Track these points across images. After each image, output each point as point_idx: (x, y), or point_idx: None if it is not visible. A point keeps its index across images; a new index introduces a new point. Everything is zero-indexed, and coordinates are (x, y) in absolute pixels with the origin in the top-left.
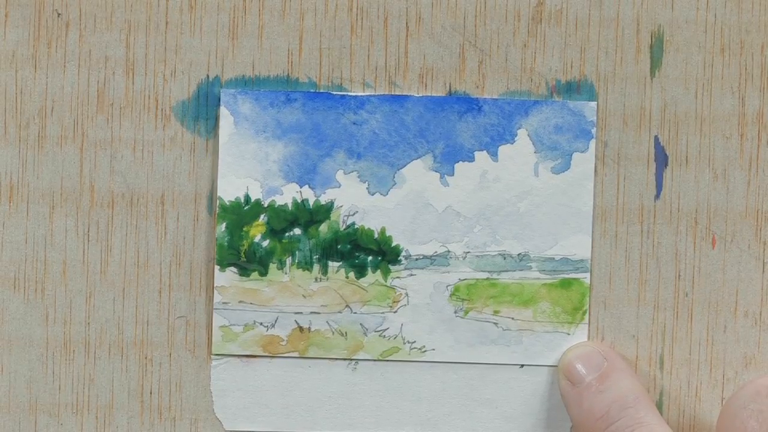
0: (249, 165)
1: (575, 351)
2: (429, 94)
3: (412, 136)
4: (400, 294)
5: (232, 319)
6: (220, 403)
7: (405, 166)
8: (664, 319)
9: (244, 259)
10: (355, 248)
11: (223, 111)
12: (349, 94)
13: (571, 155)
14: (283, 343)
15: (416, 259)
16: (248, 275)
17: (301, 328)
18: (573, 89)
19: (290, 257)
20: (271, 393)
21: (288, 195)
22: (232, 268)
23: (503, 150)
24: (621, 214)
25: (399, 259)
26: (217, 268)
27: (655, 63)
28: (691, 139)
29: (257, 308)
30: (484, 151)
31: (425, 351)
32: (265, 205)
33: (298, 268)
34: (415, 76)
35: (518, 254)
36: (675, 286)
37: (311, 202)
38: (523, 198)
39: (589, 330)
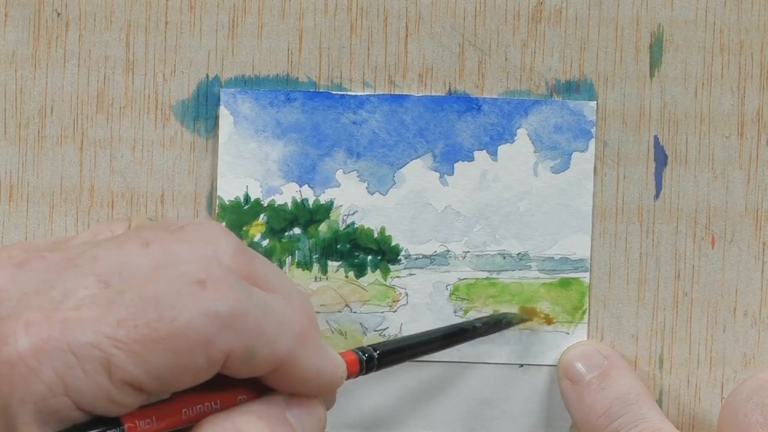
0: (248, 164)
1: (574, 350)
2: (429, 94)
3: (411, 135)
4: (400, 293)
5: None
6: None
7: (404, 165)
8: (664, 318)
9: None
10: (354, 248)
11: (223, 110)
12: (349, 93)
13: (571, 155)
14: None
15: (416, 259)
16: None
17: None
18: (572, 89)
19: (290, 257)
20: None
21: (287, 194)
22: None
23: (503, 149)
24: (620, 214)
25: (398, 258)
26: None
27: (655, 63)
28: (690, 138)
29: None
30: (484, 151)
31: None
32: (265, 205)
33: (297, 267)
34: (414, 76)
35: (518, 254)
36: (674, 286)
37: (311, 202)
38: (522, 198)
39: (588, 329)
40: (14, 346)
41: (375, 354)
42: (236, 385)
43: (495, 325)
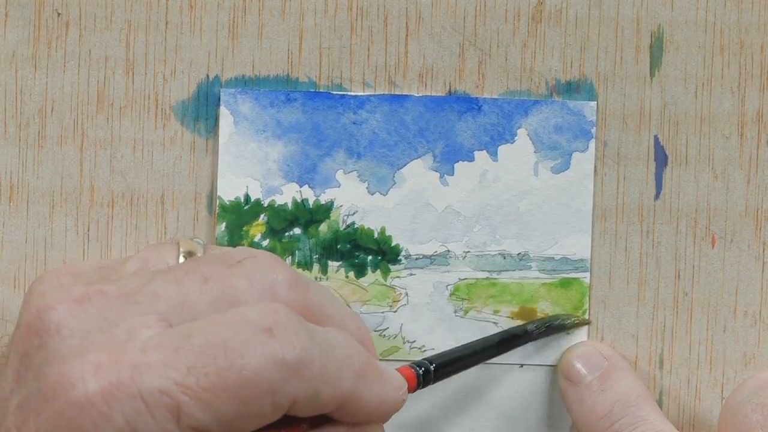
0: (249, 165)
1: (575, 351)
2: (429, 94)
3: (411, 135)
4: (400, 293)
5: None
6: None
7: (405, 165)
8: (664, 318)
9: None
10: (354, 248)
11: (223, 111)
12: (349, 93)
13: (571, 155)
14: None
15: (416, 259)
16: None
17: None
18: (573, 89)
19: (290, 257)
20: None
21: (288, 194)
22: None
23: (503, 150)
24: (621, 214)
25: (399, 258)
26: None
27: (655, 63)
28: (690, 138)
29: None
30: (484, 151)
31: (425, 350)
32: (265, 205)
33: (297, 267)
34: (414, 76)
35: (518, 254)
36: (675, 286)
37: (311, 202)
38: (522, 198)
39: (588, 329)
40: (83, 389)
41: (431, 367)
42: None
43: (547, 328)
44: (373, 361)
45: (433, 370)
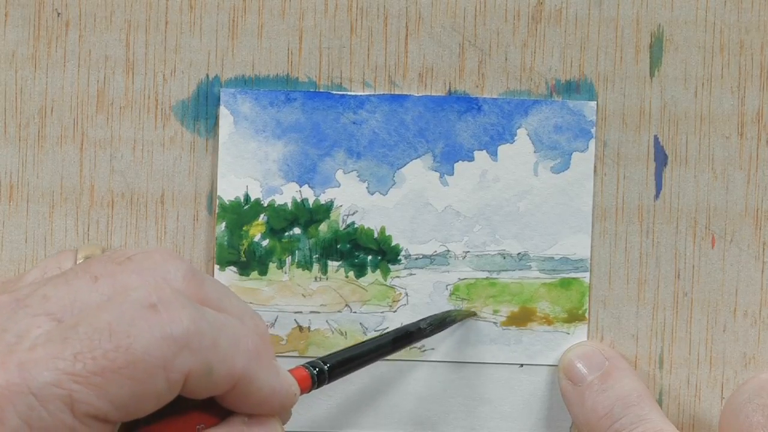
0: (249, 164)
1: (576, 350)
2: (429, 94)
3: (411, 135)
4: (400, 293)
5: None
6: None
7: (405, 165)
8: (664, 318)
9: (244, 259)
10: (354, 248)
11: (223, 110)
12: (349, 93)
13: (571, 155)
14: (283, 342)
15: (416, 259)
16: (248, 275)
17: (300, 328)
18: (573, 89)
19: (290, 257)
20: None
21: (288, 194)
22: (232, 268)
23: (503, 149)
24: (620, 214)
25: (398, 258)
26: (216, 267)
27: (655, 63)
28: (690, 138)
29: (257, 307)
30: (484, 151)
31: (425, 350)
32: (265, 205)
33: (297, 267)
34: (414, 76)
35: (518, 254)
36: (674, 286)
37: (311, 202)
38: (522, 197)
39: (588, 329)
40: None
41: (325, 367)
42: (194, 409)
43: (440, 324)
44: (267, 351)
45: (327, 370)
